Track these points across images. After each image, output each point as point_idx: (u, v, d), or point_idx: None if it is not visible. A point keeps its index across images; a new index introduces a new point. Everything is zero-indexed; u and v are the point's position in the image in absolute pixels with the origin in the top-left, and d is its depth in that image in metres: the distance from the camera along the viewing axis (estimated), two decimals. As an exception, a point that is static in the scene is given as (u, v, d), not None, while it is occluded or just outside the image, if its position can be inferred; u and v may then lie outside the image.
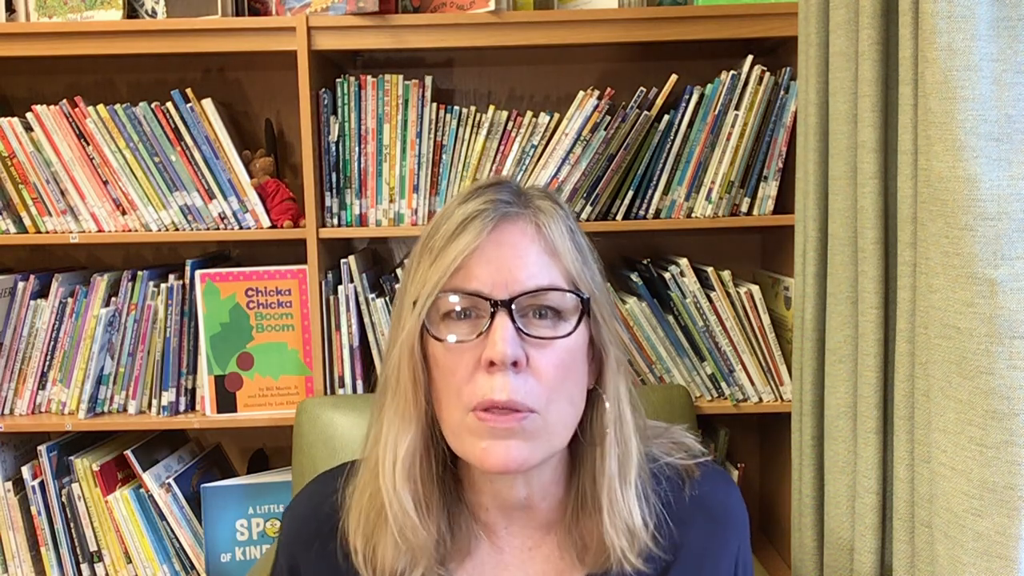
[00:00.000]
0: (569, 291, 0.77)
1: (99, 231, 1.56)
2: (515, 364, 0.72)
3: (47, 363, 1.57)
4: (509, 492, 0.81)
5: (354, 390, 1.55)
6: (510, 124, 1.53)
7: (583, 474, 0.81)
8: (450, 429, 0.76)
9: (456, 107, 1.53)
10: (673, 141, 1.52)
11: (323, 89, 1.52)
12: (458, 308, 0.75)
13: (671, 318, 1.54)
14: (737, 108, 1.51)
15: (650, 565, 0.81)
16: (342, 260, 1.54)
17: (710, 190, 1.53)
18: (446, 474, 0.81)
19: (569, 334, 0.76)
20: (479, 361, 0.73)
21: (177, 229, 1.56)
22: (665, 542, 0.81)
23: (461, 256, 0.74)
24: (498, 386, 0.72)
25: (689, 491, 0.85)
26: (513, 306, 0.74)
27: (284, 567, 0.87)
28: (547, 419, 0.74)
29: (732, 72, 1.51)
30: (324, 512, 0.84)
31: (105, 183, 1.54)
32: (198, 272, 1.54)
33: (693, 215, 1.54)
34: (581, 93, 1.51)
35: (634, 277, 1.53)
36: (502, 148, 1.54)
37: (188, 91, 1.52)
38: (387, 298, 1.55)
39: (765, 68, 1.50)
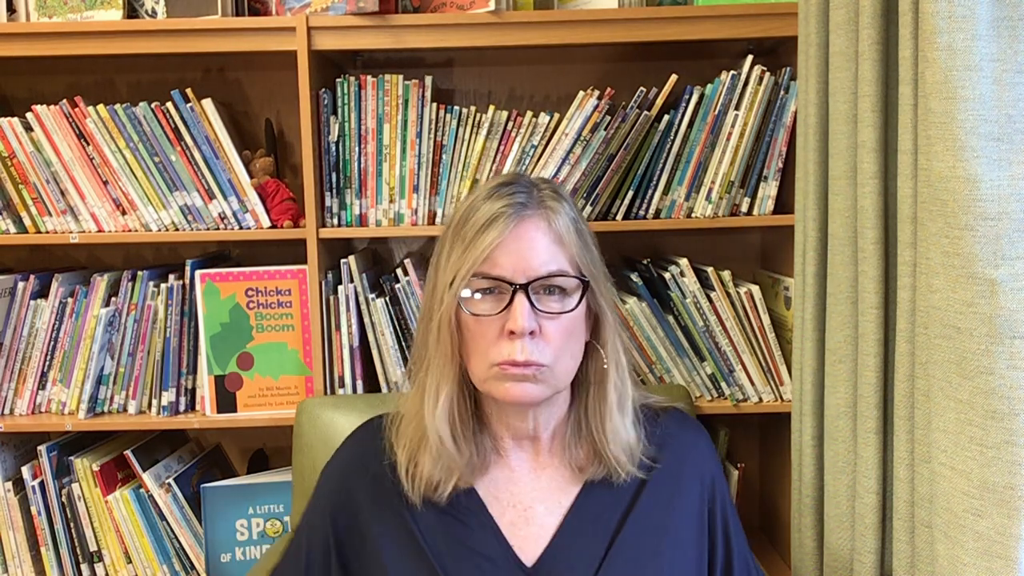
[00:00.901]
0: (573, 276, 0.98)
1: (99, 231, 1.56)
2: (531, 333, 0.94)
3: (47, 363, 1.57)
4: (521, 424, 1.03)
5: (354, 390, 1.55)
6: (510, 124, 1.53)
7: (579, 408, 1.05)
8: (478, 378, 0.99)
9: (456, 107, 1.53)
10: (673, 141, 1.52)
11: (323, 89, 1.52)
12: (485, 286, 0.96)
13: (671, 318, 1.54)
14: (737, 108, 1.51)
15: (641, 471, 1.04)
16: (342, 260, 1.54)
17: (710, 190, 1.53)
18: (473, 413, 1.03)
19: (573, 309, 0.98)
20: (502, 329, 0.95)
21: (177, 229, 1.56)
22: (650, 457, 1.05)
23: (489, 248, 0.95)
24: (518, 349, 0.94)
25: (663, 424, 1.08)
26: (529, 288, 0.95)
27: (327, 507, 1.05)
28: (555, 370, 0.97)
29: (732, 72, 1.51)
30: (373, 441, 1.06)
31: (105, 183, 1.54)
32: (198, 272, 1.54)
33: (693, 215, 1.54)
34: (581, 93, 1.51)
35: (634, 277, 1.53)
36: (502, 148, 1.54)
37: (188, 91, 1.52)
38: (387, 298, 1.54)
39: (765, 68, 1.50)
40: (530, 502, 1.03)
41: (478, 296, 0.97)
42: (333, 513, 1.04)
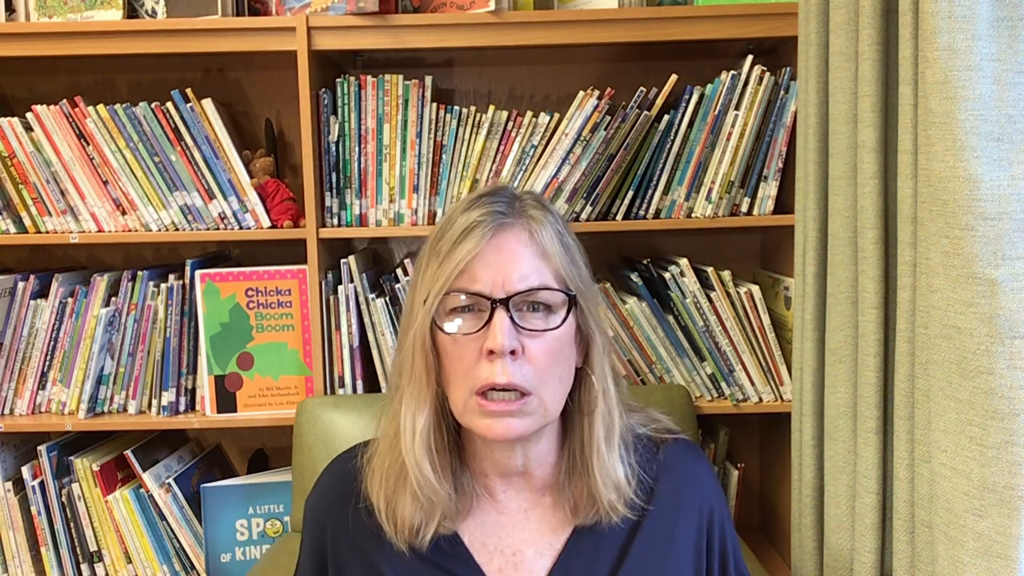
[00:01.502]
0: (558, 290, 0.89)
1: (99, 231, 1.56)
2: (512, 353, 0.85)
3: (47, 363, 1.57)
4: (508, 461, 0.94)
5: (354, 390, 1.55)
6: (510, 124, 1.53)
7: (572, 441, 0.95)
8: (457, 408, 0.90)
9: (456, 107, 1.53)
10: (673, 141, 1.52)
11: (323, 89, 1.52)
12: (463, 305, 0.88)
13: (671, 318, 1.54)
14: (737, 108, 1.51)
15: (633, 512, 0.95)
16: (342, 260, 1.54)
17: (710, 190, 1.53)
18: (453, 445, 0.94)
19: (558, 326, 0.89)
20: (481, 349, 0.86)
21: (177, 229, 1.56)
22: (643, 495, 0.96)
23: (464, 261, 0.87)
24: (498, 371, 0.85)
25: (661, 457, 0.99)
26: (509, 303, 0.86)
27: (313, 544, 0.98)
28: (542, 398, 0.88)
29: (732, 72, 1.51)
30: (347, 481, 0.97)
31: (105, 183, 1.54)
32: (198, 272, 1.54)
33: (693, 215, 1.54)
34: (581, 93, 1.51)
35: (634, 277, 1.53)
36: (502, 148, 1.54)
37: (188, 91, 1.52)
38: (387, 298, 1.54)
39: (765, 68, 1.50)
40: (519, 545, 0.95)
41: (455, 316, 0.88)
42: (319, 553, 0.98)
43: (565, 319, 0.89)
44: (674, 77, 1.51)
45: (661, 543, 0.96)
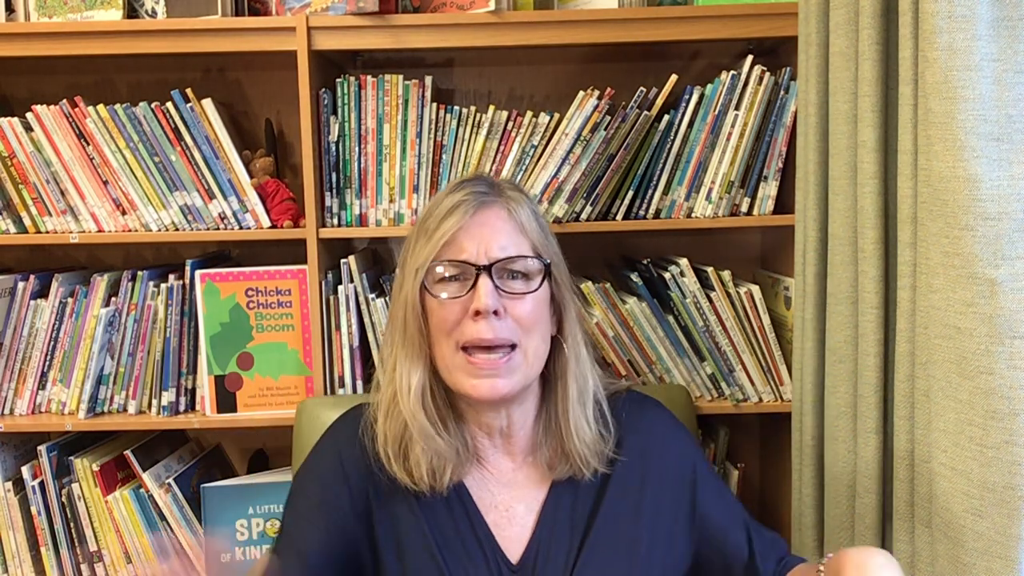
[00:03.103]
0: (535, 257, 1.00)
1: (99, 231, 1.56)
2: (495, 313, 0.95)
3: (47, 363, 1.57)
4: (493, 421, 1.03)
5: (354, 390, 1.55)
6: (510, 124, 1.53)
7: (550, 404, 1.04)
8: (444, 365, 0.99)
9: (456, 107, 1.53)
10: (673, 141, 1.52)
11: (323, 89, 1.52)
12: (449, 273, 0.98)
13: (671, 318, 1.54)
14: (737, 108, 1.51)
15: (613, 467, 1.04)
16: (342, 260, 1.54)
17: (710, 190, 1.53)
18: (447, 405, 1.03)
19: (536, 289, 0.99)
20: (467, 311, 0.96)
21: (177, 229, 1.56)
22: (612, 448, 1.04)
23: (450, 232, 0.97)
24: (483, 327, 0.95)
25: (622, 412, 1.08)
26: (492, 270, 0.96)
27: (331, 493, 1.03)
28: (526, 351, 0.98)
29: (732, 72, 1.51)
30: (359, 439, 1.04)
31: (105, 183, 1.54)
32: (198, 272, 1.54)
33: (693, 215, 1.54)
34: (581, 93, 1.51)
35: (634, 277, 1.53)
36: (502, 148, 1.54)
37: (188, 91, 1.52)
38: (387, 298, 1.54)
39: (765, 68, 1.50)
40: (510, 502, 1.04)
41: (443, 284, 0.98)
42: (340, 496, 1.02)
43: (542, 283, 0.99)
44: (674, 77, 1.51)
45: (635, 487, 1.04)
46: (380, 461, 1.01)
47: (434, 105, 1.52)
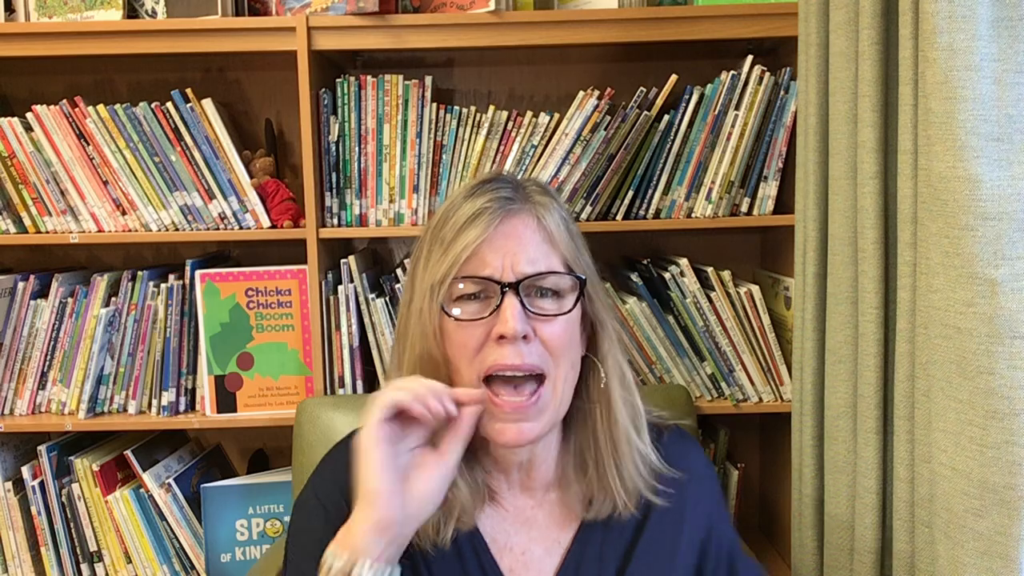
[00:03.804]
0: (567, 273, 0.88)
1: (99, 231, 1.56)
2: (524, 337, 0.83)
3: (47, 363, 1.57)
4: (512, 457, 0.91)
5: (354, 390, 1.55)
6: (510, 124, 1.53)
7: (580, 434, 0.92)
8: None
9: (456, 107, 1.53)
10: (673, 141, 1.52)
11: (323, 89, 1.52)
12: (471, 292, 0.86)
13: (671, 318, 1.54)
14: (737, 108, 1.51)
15: (651, 512, 0.92)
16: (342, 260, 1.54)
17: (710, 190, 1.53)
18: None
19: (571, 310, 0.87)
20: (489, 335, 0.84)
21: (177, 229, 1.56)
22: (664, 490, 0.92)
23: (472, 246, 0.85)
24: (508, 353, 0.82)
25: (666, 444, 0.96)
26: (519, 288, 0.84)
27: (326, 517, 0.88)
28: (555, 383, 0.85)
29: (732, 72, 1.51)
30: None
31: (105, 183, 1.54)
32: (198, 272, 1.54)
33: (693, 215, 1.54)
34: (581, 93, 1.51)
35: (634, 277, 1.53)
36: (502, 148, 1.54)
37: (188, 91, 1.52)
38: (387, 298, 1.54)
39: (765, 68, 1.50)
40: (527, 544, 0.92)
41: (463, 303, 0.85)
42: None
43: (576, 303, 0.87)
44: (674, 77, 1.51)
45: (671, 531, 0.93)
46: None
47: (434, 105, 1.52)
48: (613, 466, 0.89)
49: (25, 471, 1.59)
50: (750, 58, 1.50)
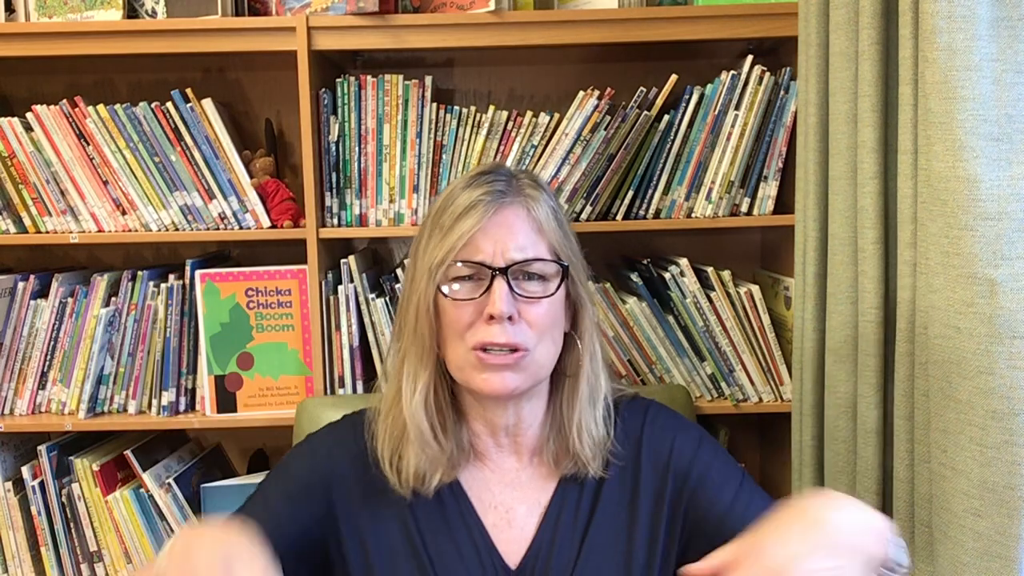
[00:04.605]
0: (552, 260, 0.97)
1: (99, 231, 1.56)
2: (510, 318, 0.93)
3: (47, 363, 1.57)
4: (500, 418, 1.01)
5: (354, 390, 1.55)
6: (510, 124, 1.53)
7: (560, 401, 1.02)
8: (455, 365, 0.97)
9: (456, 107, 1.53)
10: (673, 141, 1.52)
11: (323, 89, 1.52)
12: (464, 274, 0.95)
13: (671, 318, 1.54)
14: (737, 108, 1.51)
15: (609, 471, 1.02)
16: (342, 260, 1.54)
17: (710, 190, 1.53)
18: (450, 404, 1.01)
19: (553, 294, 0.97)
20: (480, 313, 0.94)
21: (177, 229, 1.56)
22: (619, 453, 1.02)
23: (468, 234, 0.94)
24: (496, 332, 0.93)
25: (624, 415, 1.05)
26: (508, 272, 0.94)
27: (309, 477, 1.02)
28: (535, 356, 0.96)
29: (732, 72, 1.51)
30: (357, 438, 1.03)
31: (105, 183, 1.54)
32: (198, 272, 1.54)
33: (693, 215, 1.54)
34: (581, 93, 1.51)
35: (634, 277, 1.53)
36: (502, 148, 1.54)
37: (188, 91, 1.52)
38: (387, 298, 1.54)
39: (765, 68, 1.50)
40: (511, 503, 1.01)
41: (457, 284, 0.96)
42: (324, 483, 1.01)
43: (559, 287, 0.97)
44: (674, 77, 1.51)
45: (628, 491, 1.02)
46: (377, 461, 1.00)
47: (434, 105, 1.52)
48: (574, 432, 1.00)
49: (25, 471, 1.59)
50: (750, 58, 1.50)
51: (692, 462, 1.02)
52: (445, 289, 0.95)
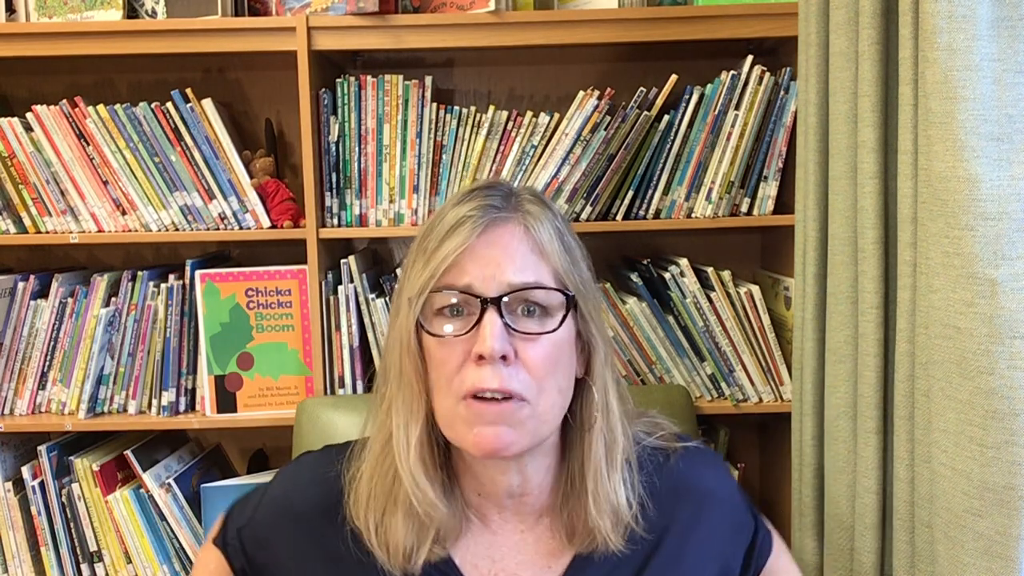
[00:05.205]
0: (554, 289, 0.81)
1: (99, 231, 1.56)
2: (504, 358, 0.77)
3: (47, 363, 1.57)
4: (503, 479, 0.85)
5: (354, 390, 1.55)
6: (510, 124, 1.53)
7: (572, 459, 0.86)
8: (443, 418, 0.81)
9: (456, 107, 1.53)
10: (673, 141, 1.52)
11: (323, 89, 1.52)
12: (451, 303, 0.80)
13: (671, 318, 1.54)
14: (737, 108, 1.51)
15: (632, 546, 0.85)
16: (342, 260, 1.54)
17: (710, 190, 1.53)
18: (443, 460, 0.86)
19: (555, 330, 0.80)
20: (469, 354, 0.78)
21: (177, 229, 1.56)
22: (649, 524, 0.86)
23: (452, 255, 0.79)
24: (487, 376, 0.77)
25: (673, 472, 0.90)
26: (501, 303, 0.78)
27: (239, 539, 0.94)
28: (536, 408, 0.79)
29: (732, 72, 1.51)
30: (331, 498, 0.88)
31: (105, 183, 1.54)
32: (198, 272, 1.54)
33: (693, 215, 1.54)
34: (581, 93, 1.51)
35: (634, 277, 1.53)
36: (502, 148, 1.54)
37: (188, 91, 1.52)
38: (387, 298, 1.54)
39: (765, 68, 1.50)
40: (515, 569, 0.87)
41: (442, 318, 0.81)
42: (250, 549, 0.93)
43: (563, 322, 0.81)
44: (674, 77, 1.51)
45: (676, 568, 0.88)
46: (358, 535, 0.85)
47: (434, 105, 1.52)
48: (589, 499, 0.84)
49: (25, 471, 1.59)
50: (750, 58, 1.50)
51: (764, 551, 0.94)
52: (428, 327, 0.80)
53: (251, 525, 0.96)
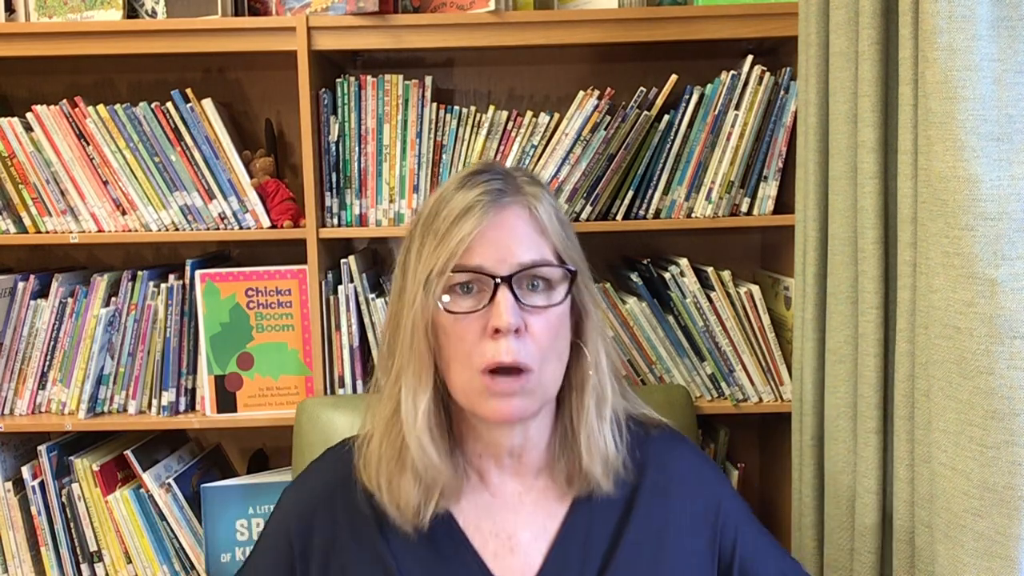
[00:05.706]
0: (558, 265, 0.90)
1: (99, 231, 1.56)
2: (516, 331, 0.85)
3: (47, 363, 1.57)
4: (505, 440, 0.94)
5: (354, 390, 1.55)
6: (510, 124, 1.53)
7: (565, 415, 0.95)
8: (459, 389, 0.89)
9: (456, 107, 1.53)
10: (673, 141, 1.52)
11: (323, 89, 1.52)
12: (462, 283, 0.88)
13: (671, 318, 1.54)
14: (737, 108, 1.51)
15: (619, 490, 0.95)
16: (342, 260, 1.54)
17: (710, 190, 1.53)
18: (447, 425, 0.94)
19: (560, 302, 0.89)
20: (484, 328, 0.86)
21: (177, 229, 1.56)
22: (630, 473, 0.96)
23: (468, 239, 0.86)
24: (503, 349, 0.85)
25: (651, 441, 1.00)
26: (512, 280, 0.86)
27: (284, 535, 0.97)
28: (541, 377, 0.88)
29: (732, 72, 1.51)
30: (342, 471, 0.96)
31: (105, 183, 1.54)
32: (198, 272, 1.54)
33: (693, 215, 1.54)
34: (581, 93, 1.51)
35: (634, 277, 1.53)
36: (502, 148, 1.54)
37: (188, 91, 1.52)
38: (387, 298, 1.55)
39: (765, 68, 1.50)
40: (514, 529, 0.94)
41: (455, 294, 0.88)
42: (294, 539, 0.96)
43: (567, 295, 0.90)
44: (674, 77, 1.51)
45: (659, 517, 0.95)
46: (369, 495, 0.93)
47: (434, 105, 1.52)
48: (582, 448, 0.93)
49: (25, 471, 1.59)
50: (750, 58, 1.50)
51: (737, 532, 1.01)
52: (444, 305, 0.87)
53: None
